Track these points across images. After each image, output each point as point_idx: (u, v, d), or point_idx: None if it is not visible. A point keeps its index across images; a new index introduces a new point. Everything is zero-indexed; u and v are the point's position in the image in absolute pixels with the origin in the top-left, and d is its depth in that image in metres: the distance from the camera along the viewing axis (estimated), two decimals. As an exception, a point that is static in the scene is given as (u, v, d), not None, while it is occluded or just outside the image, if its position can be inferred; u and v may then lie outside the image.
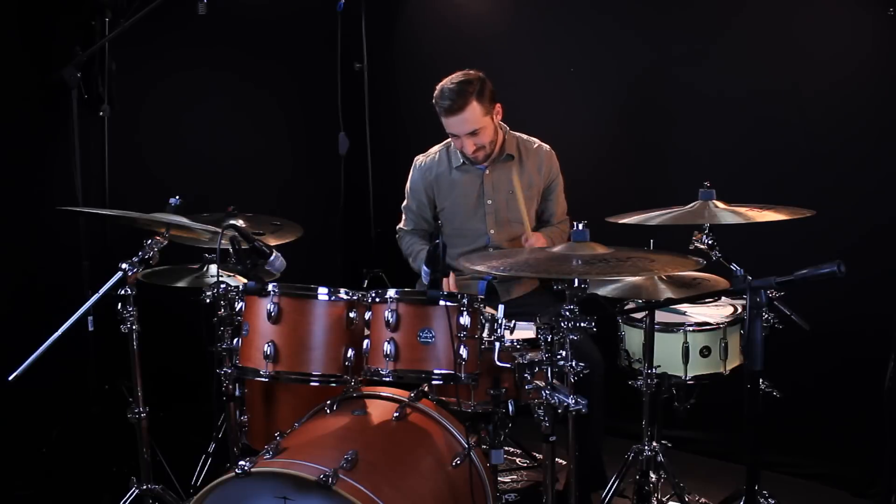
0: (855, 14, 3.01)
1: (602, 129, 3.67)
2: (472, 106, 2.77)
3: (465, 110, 2.77)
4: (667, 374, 2.57)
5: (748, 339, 1.72)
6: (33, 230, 3.09)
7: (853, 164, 3.04)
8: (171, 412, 3.07)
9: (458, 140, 2.87)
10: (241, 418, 2.48)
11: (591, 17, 3.64)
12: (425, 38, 4.14)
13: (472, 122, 2.80)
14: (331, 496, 1.78)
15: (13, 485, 2.92)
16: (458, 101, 2.76)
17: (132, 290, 2.28)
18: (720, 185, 2.40)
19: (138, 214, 2.31)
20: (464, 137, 2.83)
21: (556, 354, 1.99)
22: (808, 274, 1.69)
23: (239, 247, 2.18)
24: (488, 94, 2.83)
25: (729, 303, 2.75)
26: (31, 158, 3.12)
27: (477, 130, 2.82)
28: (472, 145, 2.85)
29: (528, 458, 3.24)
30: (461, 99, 2.76)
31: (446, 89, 2.80)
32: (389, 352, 2.02)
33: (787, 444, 3.06)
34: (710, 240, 2.42)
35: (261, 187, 3.86)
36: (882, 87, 2.96)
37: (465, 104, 2.76)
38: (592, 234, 2.10)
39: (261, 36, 3.87)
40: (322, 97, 3.98)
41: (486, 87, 2.83)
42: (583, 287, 2.02)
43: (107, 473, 2.91)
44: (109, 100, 3.19)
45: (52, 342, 2.05)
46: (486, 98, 2.81)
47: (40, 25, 3.09)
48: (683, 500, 2.59)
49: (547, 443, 2.06)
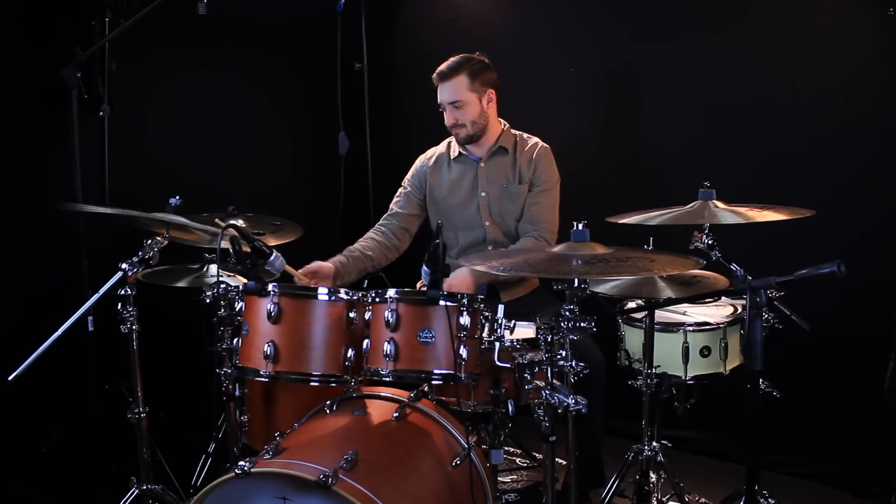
0: (855, 14, 3.01)
1: (602, 129, 3.67)
2: (460, 77, 2.89)
3: (453, 79, 2.90)
4: (667, 374, 2.57)
5: (748, 339, 1.72)
6: (33, 230, 3.09)
7: (853, 164, 3.04)
8: (171, 412, 3.07)
9: (445, 114, 2.97)
10: (241, 418, 2.47)
11: (592, 17, 3.64)
12: (425, 38, 4.14)
13: (456, 93, 2.90)
14: (331, 496, 1.78)
15: (13, 485, 2.92)
16: (449, 71, 2.91)
17: (132, 290, 2.28)
18: (720, 185, 2.40)
19: (138, 213, 2.31)
20: (447, 108, 2.93)
21: (556, 354, 1.99)
22: (808, 274, 1.69)
23: (239, 247, 2.19)
24: (484, 76, 2.93)
25: (729, 303, 2.75)
26: (31, 158, 3.12)
27: (459, 103, 2.91)
28: (452, 118, 2.94)
29: (528, 458, 3.24)
30: (453, 69, 2.90)
31: (448, 60, 2.94)
32: (389, 352, 2.02)
33: (787, 444, 3.06)
34: (710, 240, 2.42)
35: (261, 187, 3.86)
36: (882, 87, 2.96)
37: (455, 74, 2.90)
38: (592, 234, 2.10)
39: (261, 36, 3.87)
40: (322, 97, 3.98)
41: (484, 69, 2.93)
42: (583, 287, 2.02)
43: (107, 473, 2.91)
44: (109, 100, 3.19)
45: (52, 342, 2.06)
46: (480, 79, 2.92)
47: (40, 25, 3.10)
48: (683, 500, 2.59)
49: (547, 443, 2.06)
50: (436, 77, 2.93)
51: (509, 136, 3.04)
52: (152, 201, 2.49)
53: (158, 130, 3.54)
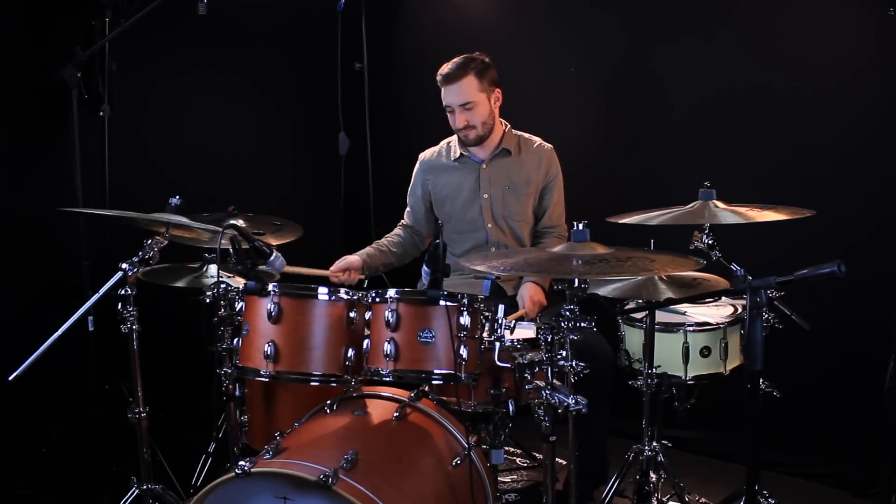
0: (855, 14, 3.01)
1: (602, 129, 3.67)
2: (469, 78, 2.86)
3: (462, 80, 2.86)
4: (667, 374, 2.57)
5: (748, 339, 1.72)
6: (33, 230, 3.09)
7: (854, 164, 3.04)
8: (171, 412, 3.07)
9: (452, 116, 2.92)
10: (241, 418, 2.47)
11: (592, 17, 3.64)
12: (425, 38, 4.14)
13: (466, 94, 2.86)
14: (331, 496, 1.78)
15: (13, 485, 2.92)
16: (456, 71, 2.86)
17: (132, 289, 2.28)
18: (720, 185, 2.40)
19: (138, 214, 2.31)
20: (456, 110, 2.89)
21: (557, 354, 2.00)
22: (808, 274, 1.69)
23: (239, 247, 2.18)
24: (489, 75, 2.90)
25: (729, 303, 2.75)
26: (31, 158, 3.12)
27: (470, 104, 2.87)
28: (463, 120, 2.90)
29: (528, 458, 3.24)
30: (460, 70, 2.86)
31: (450, 62, 2.90)
32: (389, 352, 2.02)
33: (787, 444, 3.06)
34: (710, 240, 2.42)
35: (261, 187, 3.85)
36: (882, 87, 2.96)
37: (463, 75, 2.85)
38: (592, 234, 2.10)
39: (261, 36, 3.87)
40: (322, 97, 3.99)
41: (488, 68, 2.90)
42: (583, 287, 2.02)
43: (107, 473, 2.91)
44: (109, 100, 3.19)
45: (52, 342, 2.05)
46: (486, 78, 2.89)
47: (40, 25, 3.09)
48: (683, 500, 2.59)
49: (547, 443, 2.07)
50: (440, 79, 2.89)
51: (512, 138, 3.03)
52: (152, 201, 2.49)
53: (158, 130, 3.54)
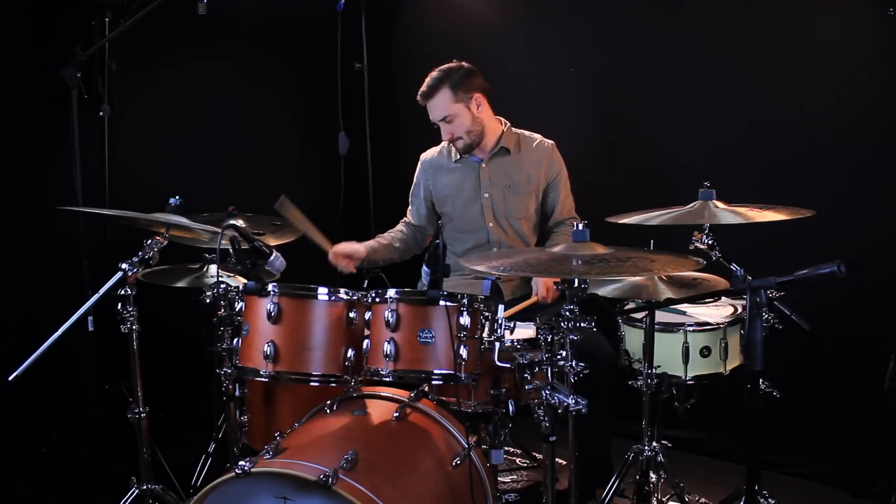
0: (855, 14, 3.01)
1: (602, 129, 3.67)
2: (441, 93, 2.88)
3: (435, 97, 2.89)
4: (667, 374, 2.56)
5: (748, 339, 1.73)
6: (33, 230, 3.09)
7: (853, 164, 3.04)
8: (171, 412, 3.07)
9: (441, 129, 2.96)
10: (241, 418, 2.47)
11: (591, 17, 3.64)
12: (425, 38, 4.14)
13: (442, 109, 2.89)
14: (331, 496, 1.78)
15: (13, 485, 2.93)
16: (429, 90, 2.90)
17: (132, 290, 2.28)
18: (720, 185, 2.40)
19: (138, 214, 2.31)
20: (439, 124, 2.93)
21: (556, 354, 1.99)
22: (808, 274, 1.70)
23: (239, 247, 2.19)
24: (465, 84, 2.89)
25: (729, 303, 2.75)
26: (31, 158, 3.12)
27: (448, 118, 2.90)
28: (448, 133, 2.94)
29: (528, 458, 3.24)
30: (433, 87, 2.90)
31: (428, 77, 2.92)
32: (389, 352, 2.02)
33: (787, 444, 3.06)
34: (710, 240, 2.41)
35: (261, 187, 3.84)
36: (882, 87, 2.95)
37: (435, 91, 2.89)
38: (592, 234, 2.10)
39: (261, 36, 3.87)
40: (322, 97, 3.98)
41: (464, 77, 2.90)
42: (583, 287, 2.02)
43: (107, 473, 2.91)
44: (109, 100, 3.19)
45: (52, 342, 2.05)
46: (461, 88, 2.89)
47: (40, 25, 3.09)
48: (683, 500, 2.59)
49: (547, 443, 2.06)
50: (420, 98, 2.93)
51: (511, 136, 3.03)
52: (152, 201, 2.49)
53: (158, 130, 3.54)
